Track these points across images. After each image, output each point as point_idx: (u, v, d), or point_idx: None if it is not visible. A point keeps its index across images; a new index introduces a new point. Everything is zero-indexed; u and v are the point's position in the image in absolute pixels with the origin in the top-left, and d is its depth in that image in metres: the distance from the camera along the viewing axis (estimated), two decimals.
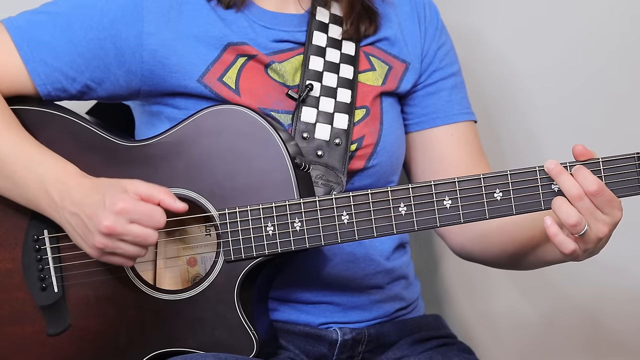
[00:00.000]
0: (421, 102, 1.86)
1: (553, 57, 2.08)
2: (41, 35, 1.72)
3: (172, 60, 1.73)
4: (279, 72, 1.76)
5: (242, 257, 1.66)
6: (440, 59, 1.87)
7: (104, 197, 1.61)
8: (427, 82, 1.86)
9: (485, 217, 1.62)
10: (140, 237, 1.61)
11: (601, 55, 2.06)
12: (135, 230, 1.60)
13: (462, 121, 1.87)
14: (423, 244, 2.16)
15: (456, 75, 1.88)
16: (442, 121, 1.86)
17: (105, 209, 1.60)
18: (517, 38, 2.09)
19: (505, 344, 2.16)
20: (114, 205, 1.59)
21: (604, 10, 2.07)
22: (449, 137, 1.86)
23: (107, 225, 1.60)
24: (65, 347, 1.72)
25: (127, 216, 1.60)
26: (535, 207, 1.61)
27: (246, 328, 1.67)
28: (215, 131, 1.67)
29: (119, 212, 1.59)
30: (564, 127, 2.08)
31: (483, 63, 1.90)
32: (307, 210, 1.64)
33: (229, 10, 1.76)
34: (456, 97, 1.87)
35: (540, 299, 2.14)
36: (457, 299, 2.16)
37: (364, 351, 1.81)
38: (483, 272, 2.01)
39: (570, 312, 2.13)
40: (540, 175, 1.60)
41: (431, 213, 1.63)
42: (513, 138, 2.10)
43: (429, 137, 1.86)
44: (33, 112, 1.73)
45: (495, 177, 1.62)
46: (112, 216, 1.60)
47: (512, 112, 1.90)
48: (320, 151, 1.75)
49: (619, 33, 2.06)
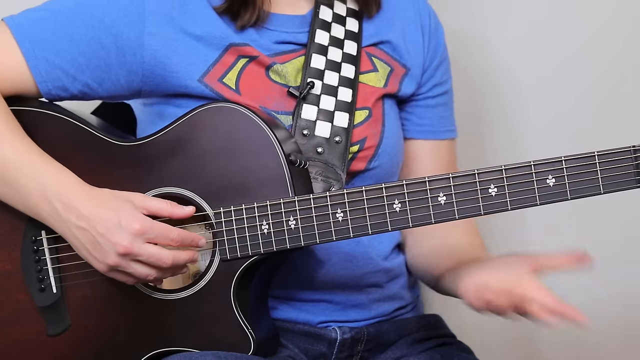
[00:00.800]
0: (420, 113, 1.87)
1: (552, 58, 2.08)
2: (43, 32, 1.72)
3: (173, 61, 1.73)
4: (280, 73, 1.76)
5: (237, 256, 1.66)
6: (442, 73, 1.88)
7: (119, 215, 1.62)
8: (429, 95, 1.87)
9: (480, 213, 1.61)
10: (155, 257, 1.62)
11: (602, 56, 2.06)
12: (151, 250, 1.62)
13: (446, 139, 1.89)
14: None
15: (450, 93, 1.91)
16: (433, 135, 1.88)
17: (121, 228, 1.61)
18: (516, 40, 2.09)
19: (505, 344, 2.14)
20: (131, 226, 1.61)
21: (604, 12, 2.06)
22: (431, 151, 1.87)
23: (125, 245, 1.61)
24: (65, 348, 1.73)
25: (144, 236, 1.61)
26: (531, 202, 1.59)
27: (243, 327, 1.67)
28: (209, 129, 1.67)
29: (136, 233, 1.61)
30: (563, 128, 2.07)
31: (481, 65, 1.89)
32: (301, 208, 1.64)
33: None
34: (448, 113, 1.90)
35: None
36: (456, 299, 2.14)
37: (363, 350, 1.81)
38: None
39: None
40: (535, 170, 1.59)
41: (426, 209, 1.62)
42: (513, 138, 2.10)
43: (415, 148, 1.88)
44: (29, 113, 1.73)
45: (489, 172, 1.60)
46: (129, 237, 1.61)
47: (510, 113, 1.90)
48: (320, 148, 1.75)
49: (620, 34, 2.05)
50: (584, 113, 2.06)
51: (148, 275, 1.64)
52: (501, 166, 1.60)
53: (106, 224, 1.62)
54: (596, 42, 2.06)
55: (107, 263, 1.63)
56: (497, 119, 2.11)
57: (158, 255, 1.62)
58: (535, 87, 2.09)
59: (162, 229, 1.63)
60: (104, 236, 1.62)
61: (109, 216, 1.62)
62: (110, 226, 1.62)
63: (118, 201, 1.64)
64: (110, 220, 1.62)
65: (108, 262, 1.63)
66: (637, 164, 1.58)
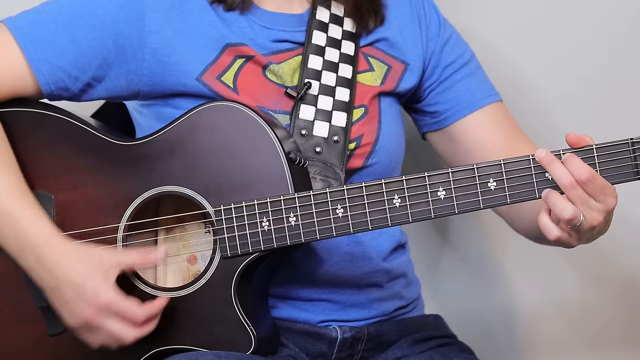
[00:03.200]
0: (442, 99, 1.87)
1: (552, 53, 2.09)
2: (44, 34, 1.73)
3: (171, 59, 1.74)
4: (276, 73, 1.77)
5: (238, 253, 1.67)
6: (449, 52, 1.87)
7: (87, 284, 1.63)
8: (441, 78, 1.87)
9: (479, 207, 1.62)
10: (116, 335, 1.64)
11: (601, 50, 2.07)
12: (113, 326, 1.64)
13: (487, 104, 1.87)
14: (423, 244, 2.16)
15: (469, 63, 1.88)
16: (468, 110, 1.86)
17: (86, 300, 1.63)
18: (516, 35, 2.10)
19: (506, 344, 2.14)
20: (97, 299, 1.63)
21: (604, 6, 2.07)
22: (481, 123, 1.86)
23: (88, 317, 1.63)
24: (66, 347, 1.73)
25: (109, 311, 1.63)
26: (530, 195, 1.60)
27: (244, 325, 1.67)
28: (209, 128, 1.68)
29: (101, 308, 1.63)
30: (563, 123, 2.08)
31: (480, 60, 1.90)
32: (301, 205, 1.65)
33: (229, 11, 1.78)
34: (475, 83, 1.87)
35: (539, 299, 2.13)
36: (457, 299, 2.15)
37: (363, 350, 1.80)
38: (483, 271, 2.01)
39: (570, 312, 2.12)
40: (534, 164, 1.60)
41: (425, 204, 1.62)
42: None
43: (461, 129, 1.87)
44: (29, 114, 1.74)
45: (488, 167, 1.61)
46: (93, 310, 1.63)
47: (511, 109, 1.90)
48: (319, 148, 1.76)
49: (619, 28, 2.06)
50: (583, 106, 2.07)
51: (110, 344, 1.65)
52: (500, 160, 1.61)
53: (74, 290, 1.64)
54: (595, 37, 2.07)
55: (72, 325, 1.66)
56: None
57: (118, 334, 1.64)
58: (534, 82, 2.10)
59: (127, 308, 1.63)
60: (71, 302, 1.64)
61: (78, 281, 1.63)
62: (78, 293, 1.63)
63: (90, 265, 1.64)
64: (78, 287, 1.63)
65: (72, 325, 1.66)
66: (635, 157, 1.59)
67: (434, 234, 2.15)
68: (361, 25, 1.82)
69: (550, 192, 1.58)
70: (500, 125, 1.86)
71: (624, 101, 2.07)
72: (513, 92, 2.09)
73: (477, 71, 1.89)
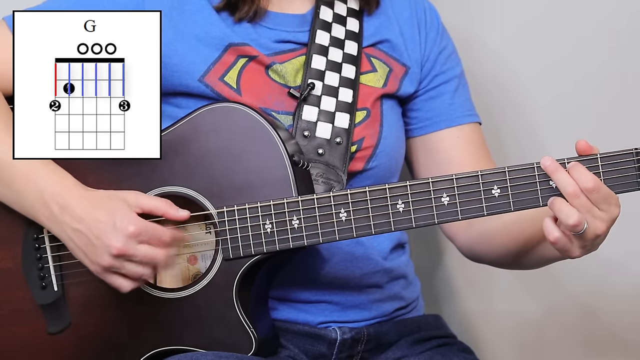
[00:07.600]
0: (424, 106, 1.87)
1: (551, 54, 2.08)
2: None
3: (173, 60, 1.74)
4: (279, 73, 1.77)
5: (240, 255, 1.67)
6: (442, 63, 1.87)
7: (114, 218, 1.62)
8: (429, 87, 1.86)
9: (483, 213, 1.62)
10: (148, 257, 1.63)
11: (600, 51, 2.06)
12: (145, 251, 1.63)
13: (466, 123, 1.87)
14: (423, 244, 2.16)
15: (459, 78, 1.89)
16: (446, 124, 1.86)
17: (116, 230, 1.62)
18: (515, 36, 2.09)
19: (505, 343, 2.15)
20: (125, 228, 1.62)
21: (603, 7, 2.06)
22: (455, 139, 1.86)
23: (119, 247, 1.62)
24: (66, 346, 1.73)
25: (138, 238, 1.62)
26: (534, 203, 1.60)
27: (245, 326, 1.67)
28: (212, 129, 1.68)
29: (130, 235, 1.62)
30: (565, 125, 2.08)
31: (481, 62, 1.90)
32: (305, 208, 1.65)
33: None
34: (459, 99, 1.88)
35: (540, 298, 2.14)
36: (457, 299, 2.16)
37: (363, 350, 1.81)
38: (483, 271, 2.00)
39: (570, 311, 2.13)
40: (538, 172, 1.60)
41: (429, 210, 1.62)
42: (514, 137, 2.10)
43: (434, 141, 1.87)
44: None
45: (493, 174, 1.61)
46: (123, 239, 1.62)
47: (512, 111, 1.90)
48: (321, 149, 1.76)
49: (618, 29, 2.06)
50: (588, 114, 2.07)
51: (142, 274, 1.64)
52: (504, 167, 1.61)
53: (101, 226, 1.63)
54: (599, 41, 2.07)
55: (101, 264, 1.64)
56: (499, 120, 2.11)
57: (151, 256, 1.63)
58: (538, 89, 2.10)
59: (155, 231, 1.63)
60: (99, 238, 1.63)
61: (104, 218, 1.63)
62: (105, 228, 1.62)
63: (113, 202, 1.64)
64: (105, 222, 1.63)
65: (102, 264, 1.64)
66: (639, 167, 1.59)
67: (434, 234, 2.15)
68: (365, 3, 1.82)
69: (555, 198, 1.58)
70: (475, 146, 1.87)
71: (624, 101, 2.06)
72: (513, 92, 2.09)
73: (463, 89, 1.89)
